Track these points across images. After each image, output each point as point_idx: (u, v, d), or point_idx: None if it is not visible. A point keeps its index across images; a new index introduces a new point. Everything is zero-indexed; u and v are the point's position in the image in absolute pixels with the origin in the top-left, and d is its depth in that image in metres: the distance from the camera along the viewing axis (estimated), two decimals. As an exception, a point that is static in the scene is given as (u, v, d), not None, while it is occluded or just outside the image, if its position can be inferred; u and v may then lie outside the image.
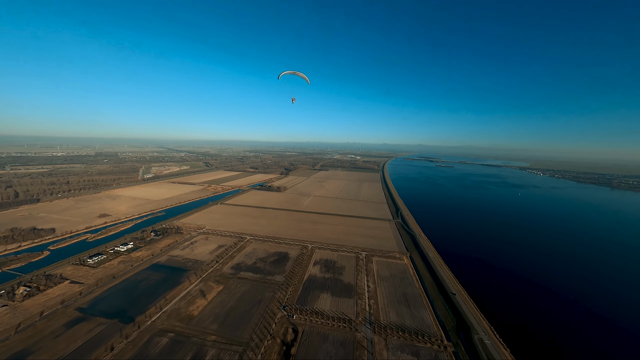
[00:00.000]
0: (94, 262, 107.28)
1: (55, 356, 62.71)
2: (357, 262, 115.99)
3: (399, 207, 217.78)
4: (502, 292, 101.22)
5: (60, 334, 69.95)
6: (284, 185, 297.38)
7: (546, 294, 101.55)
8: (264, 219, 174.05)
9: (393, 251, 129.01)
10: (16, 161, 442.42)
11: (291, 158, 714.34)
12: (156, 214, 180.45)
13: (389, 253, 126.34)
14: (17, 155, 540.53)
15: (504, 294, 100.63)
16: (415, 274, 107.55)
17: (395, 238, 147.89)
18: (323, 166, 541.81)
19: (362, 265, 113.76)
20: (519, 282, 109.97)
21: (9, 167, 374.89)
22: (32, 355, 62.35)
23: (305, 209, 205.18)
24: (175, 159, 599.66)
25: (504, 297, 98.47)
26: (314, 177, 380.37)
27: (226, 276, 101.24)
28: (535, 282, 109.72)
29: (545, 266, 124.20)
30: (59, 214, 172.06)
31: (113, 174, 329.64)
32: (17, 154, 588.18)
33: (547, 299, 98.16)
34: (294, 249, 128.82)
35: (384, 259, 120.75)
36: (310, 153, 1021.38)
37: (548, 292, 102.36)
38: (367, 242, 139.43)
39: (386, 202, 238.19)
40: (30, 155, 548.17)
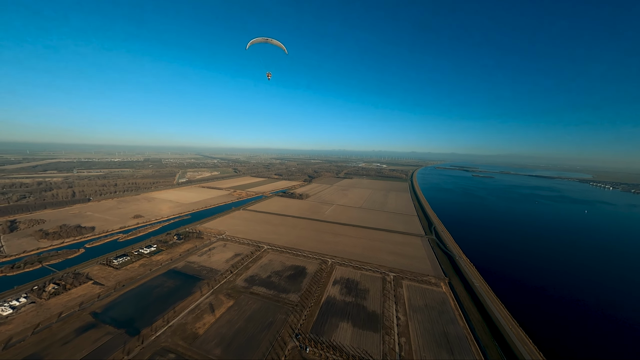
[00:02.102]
0: (118, 263, 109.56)
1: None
2: (384, 285, 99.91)
3: (431, 221, 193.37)
4: (580, 339, 76.01)
5: (69, 341, 68.30)
6: (306, 193, 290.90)
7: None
8: (284, 227, 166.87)
9: (427, 274, 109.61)
10: (82, 165, 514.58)
11: (315, 165, 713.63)
12: (183, 217, 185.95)
13: (422, 277, 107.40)
14: (84, 161, 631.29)
15: (583, 341, 75.34)
16: (458, 307, 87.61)
17: (430, 258, 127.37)
18: (347, 174, 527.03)
19: (389, 289, 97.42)
20: (605, 324, 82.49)
21: (76, 170, 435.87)
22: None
23: (327, 218, 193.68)
24: (208, 165, 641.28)
25: (583, 344, 73.47)
26: (338, 185, 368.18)
27: (238, 290, 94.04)
28: (631, 325, 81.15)
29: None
30: (101, 213, 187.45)
31: (153, 178, 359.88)
32: (85, 159, 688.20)
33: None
34: (312, 263, 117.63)
35: (417, 283, 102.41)
36: (334, 160, 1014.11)
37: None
38: (396, 261, 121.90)
39: (416, 214, 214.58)
40: (94, 161, 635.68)
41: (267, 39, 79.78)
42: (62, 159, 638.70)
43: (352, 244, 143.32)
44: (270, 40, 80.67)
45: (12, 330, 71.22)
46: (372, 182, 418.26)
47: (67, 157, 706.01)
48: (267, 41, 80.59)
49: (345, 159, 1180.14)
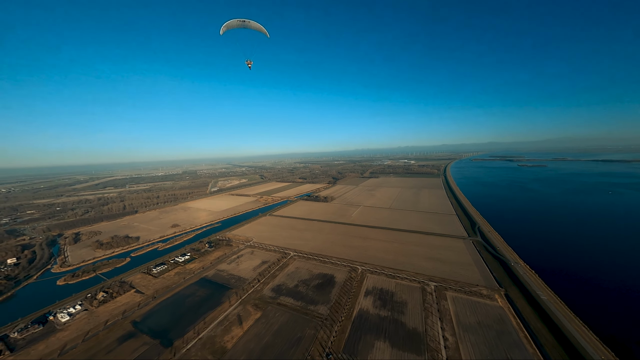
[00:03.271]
0: (157, 272, 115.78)
1: (100, 376, 62.57)
2: (424, 297, 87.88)
3: (474, 220, 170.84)
4: None
5: (112, 349, 71.59)
6: (331, 195, 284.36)
7: None
8: (309, 233, 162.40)
9: (476, 284, 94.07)
10: (133, 181, 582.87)
11: (339, 166, 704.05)
12: (214, 225, 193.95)
13: (470, 287, 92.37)
14: (135, 177, 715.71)
15: None
16: (522, 327, 71.96)
17: (477, 264, 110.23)
18: (373, 173, 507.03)
19: (431, 301, 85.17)
20: None
21: (127, 186, 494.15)
22: (83, 372, 63.98)
23: (354, 221, 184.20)
24: (237, 173, 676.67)
25: None
26: (363, 186, 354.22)
27: (266, 300, 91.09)
28: None
29: None
30: (145, 224, 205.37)
31: (189, 188, 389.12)
32: (136, 175, 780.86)
33: None
34: (341, 271, 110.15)
35: (464, 295, 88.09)
36: (358, 160, 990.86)
37: None
38: (436, 268, 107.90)
39: (455, 213, 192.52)
40: (142, 176, 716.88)
41: (243, 21, 67.51)
42: (118, 177, 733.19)
43: (384, 248, 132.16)
44: (247, 24, 68.33)
45: (67, 337, 77.55)
46: (401, 180, 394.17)
47: (122, 175, 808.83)
48: (244, 25, 68.33)
49: (369, 158, 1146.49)
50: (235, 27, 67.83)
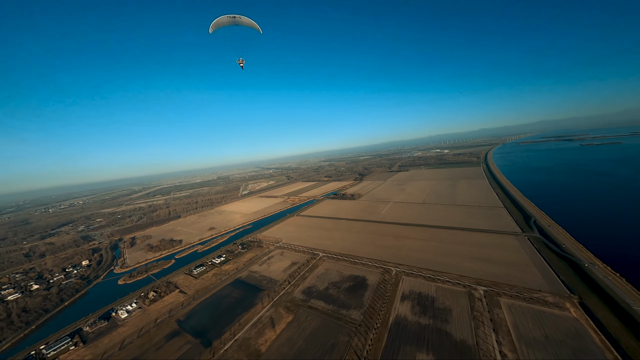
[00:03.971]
0: (197, 273, 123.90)
1: (151, 372, 67.77)
2: (472, 304, 77.31)
3: (528, 212, 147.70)
4: None
5: (160, 347, 77.50)
6: (358, 192, 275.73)
7: None
8: (338, 232, 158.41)
9: (538, 289, 79.66)
10: (176, 189, 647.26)
11: (364, 162, 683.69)
12: (246, 227, 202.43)
13: (530, 292, 78.54)
14: (177, 185, 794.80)
15: None
16: (609, 345, 57.90)
17: (537, 265, 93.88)
18: (401, 166, 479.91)
19: (481, 309, 74.43)
20: None
21: (172, 193, 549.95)
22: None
23: (384, 218, 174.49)
24: (265, 175, 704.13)
25: None
26: (392, 180, 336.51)
27: (297, 303, 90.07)
28: None
29: None
30: (187, 227, 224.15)
31: (223, 193, 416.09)
32: (178, 183, 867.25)
33: None
34: (373, 272, 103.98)
35: (523, 302, 75.10)
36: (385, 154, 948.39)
37: None
38: (484, 270, 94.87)
39: (502, 205, 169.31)
40: (183, 184, 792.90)
41: (234, 17, 62.06)
42: (164, 185, 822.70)
43: (420, 247, 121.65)
44: (238, 20, 62.99)
45: (125, 333, 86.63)
46: (434, 172, 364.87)
47: (167, 184, 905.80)
48: (235, 22, 63.02)
49: (396, 151, 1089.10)
50: (226, 24, 63.31)
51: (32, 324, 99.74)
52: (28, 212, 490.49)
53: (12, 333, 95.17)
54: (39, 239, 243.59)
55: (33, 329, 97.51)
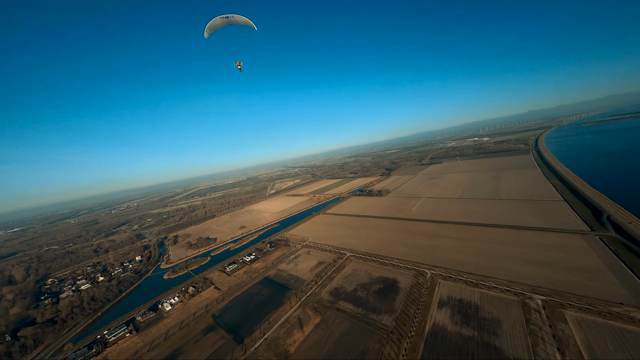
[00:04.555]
0: (230, 270, 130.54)
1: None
2: (528, 315, 66.54)
3: (599, 207, 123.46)
4: None
5: (198, 340, 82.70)
6: (385, 188, 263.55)
7: None
8: (365, 231, 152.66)
9: (619, 302, 65.08)
10: (211, 190, 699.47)
11: (392, 156, 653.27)
12: (273, 226, 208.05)
13: (608, 305, 64.58)
14: (213, 186, 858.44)
15: None
16: None
17: (615, 271, 77.19)
18: (433, 159, 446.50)
19: (540, 323, 63.54)
20: None
21: (208, 194, 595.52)
22: (179, 357, 75.66)
23: (415, 215, 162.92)
24: (291, 174, 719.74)
25: None
26: (423, 174, 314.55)
27: (324, 304, 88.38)
28: None
29: None
30: (220, 226, 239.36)
31: (252, 193, 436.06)
32: (213, 185, 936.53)
33: None
34: (405, 275, 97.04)
35: (600, 318, 61.95)
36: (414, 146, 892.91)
37: None
38: (540, 275, 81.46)
39: (562, 198, 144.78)
40: (217, 186, 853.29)
41: (227, 17, 58.73)
42: (201, 187, 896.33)
43: (458, 248, 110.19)
44: (232, 20, 59.66)
45: (169, 324, 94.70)
46: (472, 163, 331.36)
47: (204, 185, 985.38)
48: (229, 22, 59.86)
49: (427, 142, 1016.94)
50: (221, 26, 60.60)
51: (99, 311, 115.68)
52: (97, 214, 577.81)
53: (83, 318, 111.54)
54: (104, 236, 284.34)
55: (99, 316, 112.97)
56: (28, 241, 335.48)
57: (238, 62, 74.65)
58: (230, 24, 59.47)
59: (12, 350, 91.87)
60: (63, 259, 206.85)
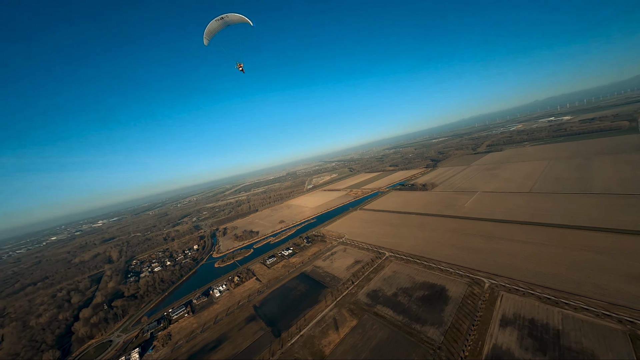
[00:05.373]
0: (269, 263, 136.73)
1: (234, 351, 77.52)
2: (635, 349, 49.06)
3: None
4: None
5: (241, 328, 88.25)
6: (431, 181, 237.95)
7: None
8: (407, 229, 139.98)
9: None
10: (255, 186, 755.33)
11: (438, 145, 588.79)
12: (310, 221, 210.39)
13: None
14: (256, 182, 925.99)
15: None
16: None
17: None
18: (491, 146, 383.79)
19: (662, 366, 45.90)
20: None
21: (252, 190, 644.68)
22: (223, 344, 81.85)
23: (468, 213, 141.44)
24: (328, 169, 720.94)
25: None
26: (478, 165, 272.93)
27: (361, 306, 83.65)
28: None
29: None
30: (262, 220, 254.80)
31: (291, 188, 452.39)
32: (257, 181, 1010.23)
33: None
34: (456, 282, 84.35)
35: None
36: (466, 133, 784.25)
37: None
38: (661, 299, 59.55)
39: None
40: (260, 181, 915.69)
41: (222, 18, 54.57)
42: (247, 183, 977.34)
43: (527, 254, 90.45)
44: (228, 20, 55.21)
45: (218, 310, 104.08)
46: (546, 149, 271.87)
47: (249, 181, 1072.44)
48: (225, 23, 55.59)
49: (483, 127, 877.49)
50: (218, 29, 56.73)
51: (165, 292, 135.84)
52: (167, 207, 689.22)
53: (155, 296, 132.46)
54: (171, 226, 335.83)
55: (166, 295, 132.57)
56: (121, 228, 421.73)
57: (239, 64, 71.19)
58: (226, 24, 56.38)
59: (108, 317, 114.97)
60: (143, 244, 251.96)
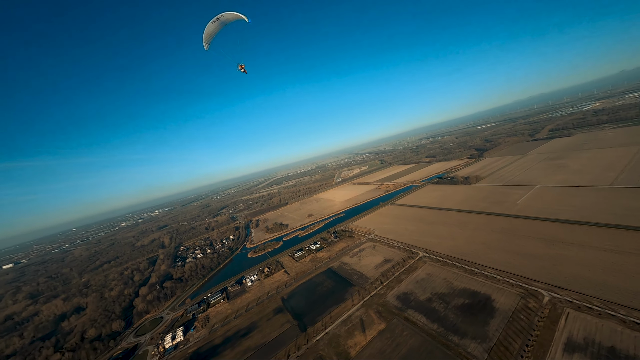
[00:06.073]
0: (297, 256, 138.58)
1: (262, 340, 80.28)
2: None
3: None
4: None
5: (270, 318, 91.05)
6: (475, 174, 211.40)
7: None
8: (444, 227, 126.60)
9: None
10: (286, 179, 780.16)
11: (485, 132, 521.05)
12: (338, 215, 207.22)
13: None
14: (287, 175, 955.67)
15: None
16: None
17: None
18: (555, 130, 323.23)
19: None
20: None
21: (283, 183, 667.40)
22: (253, 332, 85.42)
23: (522, 211, 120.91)
24: (358, 162, 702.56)
25: None
26: (537, 153, 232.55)
27: (390, 309, 78.25)
28: None
29: None
30: (291, 213, 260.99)
31: (320, 181, 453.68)
32: (287, 174, 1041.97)
33: None
34: (505, 292, 72.54)
35: None
36: (522, 116, 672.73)
37: None
38: None
39: None
40: (291, 175, 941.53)
41: (218, 19, 50.49)
42: (278, 177, 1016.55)
43: (607, 264, 72.73)
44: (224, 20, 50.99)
45: (249, 299, 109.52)
46: (636, 132, 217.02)
47: (280, 175, 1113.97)
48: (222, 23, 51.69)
49: (545, 108, 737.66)
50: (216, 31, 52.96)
51: (205, 277, 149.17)
52: (209, 199, 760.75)
53: (197, 281, 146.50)
54: (211, 217, 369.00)
55: (205, 281, 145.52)
56: (172, 217, 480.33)
57: (241, 65, 65.41)
58: (223, 25, 53.19)
59: (160, 296, 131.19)
60: (189, 233, 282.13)
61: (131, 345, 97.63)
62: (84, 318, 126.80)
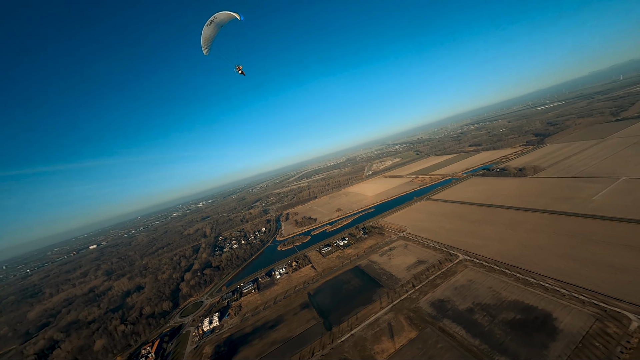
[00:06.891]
0: (325, 252, 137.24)
1: (288, 334, 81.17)
2: None
3: None
4: None
5: (296, 313, 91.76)
6: (532, 164, 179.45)
7: None
8: (492, 227, 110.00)
9: None
10: (315, 172, 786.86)
11: (547, 114, 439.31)
12: (368, 210, 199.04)
13: None
14: (316, 169, 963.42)
15: None
16: None
17: None
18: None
19: None
20: None
21: (313, 177, 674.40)
22: (280, 325, 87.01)
23: (598, 210, 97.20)
24: (390, 153, 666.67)
25: None
26: (622, 137, 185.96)
27: (422, 316, 70.95)
28: None
29: None
30: (320, 207, 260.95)
31: (349, 174, 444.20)
32: (317, 167, 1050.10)
33: None
34: (573, 310, 58.91)
35: None
36: (600, 91, 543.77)
37: None
38: None
39: None
40: (320, 168, 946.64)
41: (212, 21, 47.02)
42: (308, 170, 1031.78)
43: None
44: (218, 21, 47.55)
45: (277, 291, 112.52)
46: None
47: (310, 168, 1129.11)
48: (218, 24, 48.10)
49: (636, 79, 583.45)
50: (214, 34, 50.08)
51: (239, 267, 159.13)
52: (244, 192, 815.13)
53: (232, 270, 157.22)
54: (246, 209, 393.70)
55: (239, 271, 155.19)
56: (213, 209, 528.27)
57: (238, 67, 61.56)
58: (220, 26, 49.80)
59: (201, 282, 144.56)
60: (226, 224, 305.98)
61: (177, 325, 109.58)
62: (142, 296, 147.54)
